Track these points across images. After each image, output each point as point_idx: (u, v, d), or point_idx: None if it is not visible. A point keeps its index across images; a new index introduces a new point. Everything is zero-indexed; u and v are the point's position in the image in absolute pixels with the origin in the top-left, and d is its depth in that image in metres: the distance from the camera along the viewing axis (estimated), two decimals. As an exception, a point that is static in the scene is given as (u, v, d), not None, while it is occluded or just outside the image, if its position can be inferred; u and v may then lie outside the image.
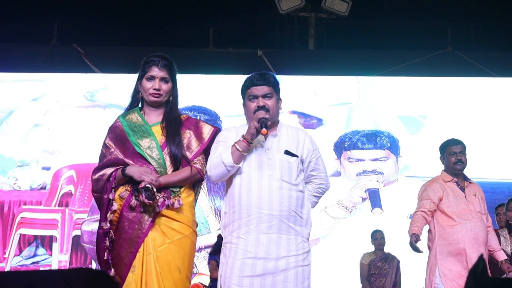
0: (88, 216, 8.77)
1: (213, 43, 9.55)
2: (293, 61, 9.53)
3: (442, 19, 9.70)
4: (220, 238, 7.54)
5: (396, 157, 8.98)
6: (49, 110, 9.15)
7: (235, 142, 3.60)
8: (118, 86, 9.01)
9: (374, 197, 8.77)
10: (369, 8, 9.97)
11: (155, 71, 3.74)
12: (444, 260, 4.96)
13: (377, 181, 8.84)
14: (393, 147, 9.00)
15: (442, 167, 5.36)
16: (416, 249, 4.98)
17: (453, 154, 5.20)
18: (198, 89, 9.05)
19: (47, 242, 8.84)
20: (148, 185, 3.45)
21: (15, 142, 9.08)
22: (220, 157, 3.59)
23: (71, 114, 9.16)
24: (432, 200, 5.09)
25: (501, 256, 5.24)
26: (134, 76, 3.92)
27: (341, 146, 8.99)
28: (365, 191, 8.81)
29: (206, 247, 8.46)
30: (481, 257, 1.45)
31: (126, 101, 3.95)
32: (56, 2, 9.48)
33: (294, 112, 9.00)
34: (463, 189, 5.12)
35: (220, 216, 8.59)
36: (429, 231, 5.15)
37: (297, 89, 9.15)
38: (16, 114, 9.16)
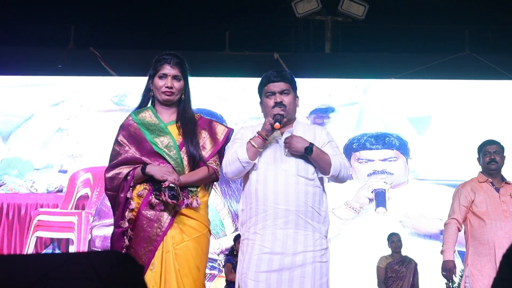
0: (95, 220, 8.76)
1: (230, 46, 9.55)
2: (309, 64, 9.52)
3: (460, 22, 9.64)
4: (235, 240, 7.54)
5: (405, 158, 8.94)
6: (72, 114, 9.18)
7: (250, 139, 3.61)
8: (140, 91, 9.03)
9: (379, 197, 8.75)
10: (386, 11, 9.93)
11: (167, 69, 3.73)
12: (474, 261, 4.97)
13: (385, 182, 8.80)
14: (402, 147, 8.96)
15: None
16: (448, 278, 4.99)
17: (487, 153, 5.21)
18: (214, 92, 9.07)
19: (63, 245, 8.86)
20: (172, 185, 3.44)
21: (34, 146, 9.10)
22: (236, 153, 3.61)
23: (92, 118, 9.17)
24: (462, 204, 5.12)
25: None
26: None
27: (350, 148, 8.97)
28: (372, 192, 8.78)
29: (226, 249, 8.49)
30: (515, 241, 1.42)
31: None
32: (73, 6, 9.52)
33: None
34: (498, 190, 5.11)
35: (236, 219, 8.62)
36: (464, 232, 5.17)
37: (308, 91, 9.15)
38: (36, 118, 9.18)
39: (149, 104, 3.84)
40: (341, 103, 9.22)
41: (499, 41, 9.80)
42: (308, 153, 3.57)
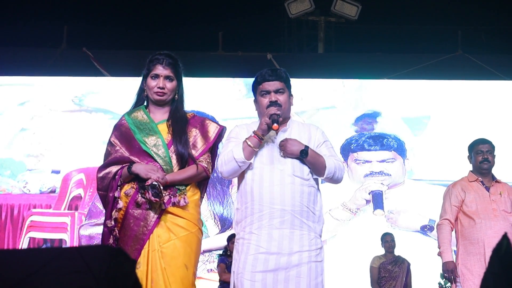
0: (85, 220, 8.75)
1: (223, 47, 9.55)
2: (303, 64, 9.50)
3: (453, 22, 9.66)
4: (228, 240, 7.53)
5: (403, 159, 8.95)
6: (35, 114, 9.13)
7: (246, 138, 3.61)
8: (102, 91, 9.07)
9: (377, 199, 8.76)
10: (379, 11, 9.95)
11: (160, 70, 3.74)
12: (464, 260, 4.99)
13: (382, 183, 8.81)
14: (400, 148, 8.97)
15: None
16: (450, 280, 5.00)
17: (480, 153, 5.21)
18: (207, 93, 9.05)
19: (56, 246, 8.83)
20: (154, 183, 3.44)
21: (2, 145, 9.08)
22: (231, 153, 3.61)
23: (55, 118, 9.13)
24: (453, 204, 5.13)
25: None
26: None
27: (348, 148, 8.96)
28: (369, 193, 8.79)
29: (204, 251, 8.45)
30: (504, 235, 1.43)
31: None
32: (66, 6, 9.51)
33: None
34: (488, 189, 5.12)
35: (219, 221, 8.62)
36: (455, 231, 5.19)
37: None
38: (2, 117, 9.14)
39: (145, 104, 3.85)
40: (336, 103, 9.21)
41: (492, 42, 9.82)
42: (303, 156, 3.58)
